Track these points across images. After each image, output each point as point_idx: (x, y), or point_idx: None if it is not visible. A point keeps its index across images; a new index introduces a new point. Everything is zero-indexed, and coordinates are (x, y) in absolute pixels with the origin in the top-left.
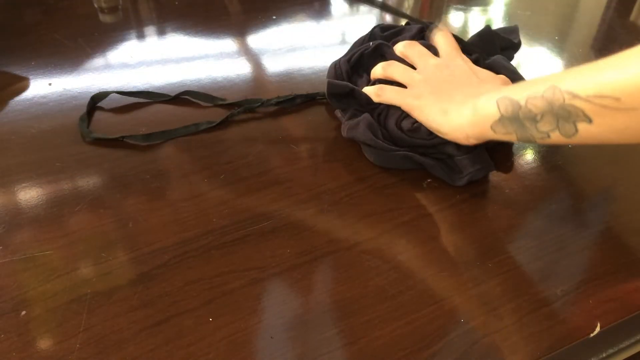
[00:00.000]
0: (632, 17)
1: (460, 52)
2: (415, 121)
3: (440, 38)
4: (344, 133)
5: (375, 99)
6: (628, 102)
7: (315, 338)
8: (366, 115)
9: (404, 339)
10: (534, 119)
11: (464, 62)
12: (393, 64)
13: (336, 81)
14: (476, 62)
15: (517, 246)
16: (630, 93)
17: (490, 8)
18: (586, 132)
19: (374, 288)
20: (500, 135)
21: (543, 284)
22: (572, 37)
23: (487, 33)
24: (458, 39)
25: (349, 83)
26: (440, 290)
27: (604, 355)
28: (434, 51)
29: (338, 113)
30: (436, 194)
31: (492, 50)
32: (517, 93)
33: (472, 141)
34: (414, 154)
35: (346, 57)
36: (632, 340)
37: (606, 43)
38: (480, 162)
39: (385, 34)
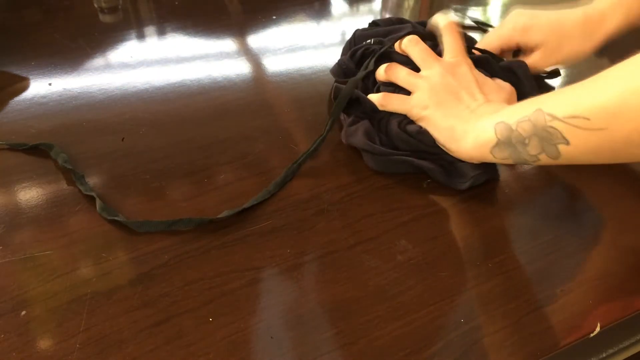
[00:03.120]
0: None
1: (467, 56)
2: (421, 125)
3: (448, 37)
4: (344, 139)
5: (380, 108)
6: (596, 123)
7: (315, 338)
8: (365, 121)
9: (404, 339)
10: (523, 142)
11: (469, 70)
12: (395, 68)
13: (343, 86)
14: (486, 62)
15: (517, 246)
16: (597, 113)
17: (490, 8)
18: (567, 154)
19: (374, 288)
20: (499, 160)
21: (543, 284)
22: None
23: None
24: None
25: (356, 90)
26: (440, 290)
27: (604, 355)
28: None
29: (341, 116)
30: (436, 194)
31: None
32: (511, 117)
33: (474, 162)
34: (413, 159)
35: (348, 55)
36: (632, 340)
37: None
38: (483, 166)
39: (368, 32)
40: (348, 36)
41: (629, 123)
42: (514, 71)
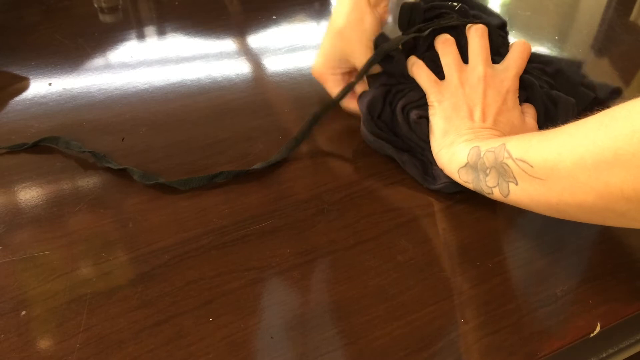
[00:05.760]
0: (632, 17)
1: (519, 76)
2: (422, 115)
3: (474, 44)
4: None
5: (409, 74)
6: (538, 171)
7: (315, 338)
8: (379, 89)
9: (404, 339)
10: (485, 172)
11: (508, 91)
12: (449, 47)
13: (387, 37)
14: (531, 85)
15: (517, 246)
16: (540, 163)
17: (490, 6)
18: (514, 194)
19: (374, 288)
20: (462, 181)
21: (543, 284)
22: (572, 37)
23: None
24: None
25: (397, 44)
26: (440, 290)
27: (604, 355)
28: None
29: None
30: (436, 194)
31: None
32: (484, 145)
33: (444, 172)
34: (395, 148)
35: (428, 5)
36: (632, 340)
37: (606, 43)
38: None
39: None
40: None
41: (562, 181)
42: (556, 103)
